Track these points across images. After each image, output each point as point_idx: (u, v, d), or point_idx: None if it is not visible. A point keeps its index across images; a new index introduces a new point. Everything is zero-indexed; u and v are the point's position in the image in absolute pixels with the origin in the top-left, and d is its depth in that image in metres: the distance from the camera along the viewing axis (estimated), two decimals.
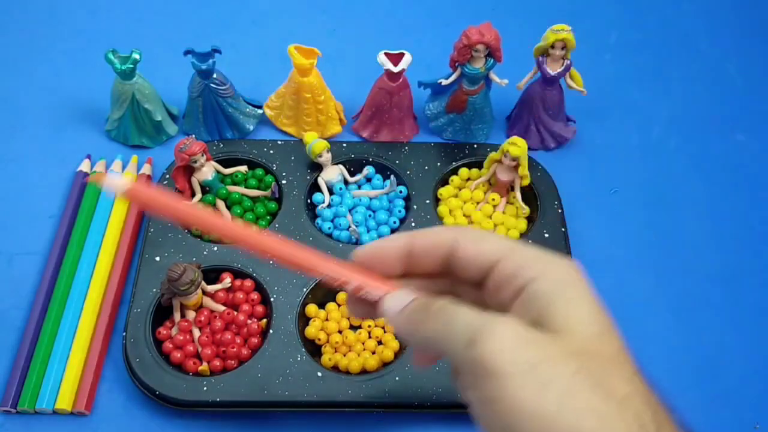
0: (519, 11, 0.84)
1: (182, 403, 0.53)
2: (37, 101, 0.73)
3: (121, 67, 0.63)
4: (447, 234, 0.32)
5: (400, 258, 0.33)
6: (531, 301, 0.29)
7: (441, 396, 0.53)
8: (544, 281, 0.29)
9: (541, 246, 0.31)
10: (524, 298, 0.30)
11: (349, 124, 0.71)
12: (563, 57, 0.65)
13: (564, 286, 0.29)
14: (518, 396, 0.26)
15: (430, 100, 0.70)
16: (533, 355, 0.27)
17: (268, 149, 0.67)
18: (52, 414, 0.54)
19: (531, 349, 0.27)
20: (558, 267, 0.30)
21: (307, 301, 0.58)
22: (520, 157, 0.61)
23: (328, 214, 0.63)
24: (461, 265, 0.32)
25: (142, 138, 0.69)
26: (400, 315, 0.31)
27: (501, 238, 0.32)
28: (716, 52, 0.81)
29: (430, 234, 0.33)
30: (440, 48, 0.66)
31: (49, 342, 0.56)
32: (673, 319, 0.61)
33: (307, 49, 0.64)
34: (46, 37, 0.79)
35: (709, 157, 0.72)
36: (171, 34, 0.78)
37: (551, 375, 0.27)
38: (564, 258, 0.31)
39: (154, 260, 0.59)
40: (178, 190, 0.62)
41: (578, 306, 0.29)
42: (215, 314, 0.57)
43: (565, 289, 0.29)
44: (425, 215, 0.63)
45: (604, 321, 0.29)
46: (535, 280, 0.30)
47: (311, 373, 0.54)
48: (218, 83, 0.65)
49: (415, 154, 0.67)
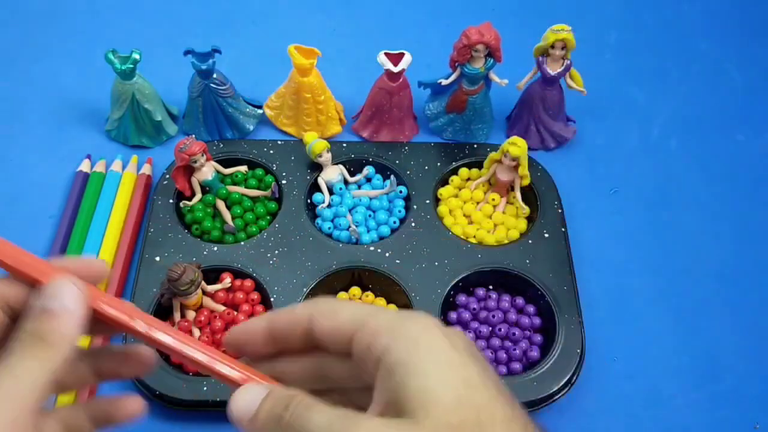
0: (519, 11, 0.84)
1: (182, 403, 0.53)
2: (37, 101, 0.73)
3: (121, 67, 0.63)
4: (302, 311, 0.32)
5: (264, 339, 0.32)
6: (387, 377, 0.28)
7: None
8: (395, 351, 0.28)
9: (541, 246, 0.31)
10: (381, 374, 0.28)
11: (349, 124, 0.71)
12: (563, 57, 0.65)
13: (415, 350, 0.28)
14: None
15: (430, 100, 0.70)
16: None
17: (268, 149, 0.67)
18: None
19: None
20: (407, 329, 0.29)
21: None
22: (520, 157, 0.61)
23: (328, 214, 0.63)
24: (321, 341, 0.31)
25: (142, 138, 0.69)
26: (253, 423, 0.29)
27: (356, 307, 0.31)
28: (716, 52, 0.81)
29: (286, 313, 0.32)
30: (440, 48, 0.66)
31: None
32: (673, 319, 0.61)
33: (307, 49, 0.64)
34: (46, 37, 0.79)
35: (709, 157, 0.72)
36: (171, 34, 0.79)
37: None
38: (416, 314, 0.30)
39: (154, 260, 0.59)
40: (179, 189, 0.63)
41: (430, 373, 0.27)
42: (215, 314, 0.57)
43: (417, 354, 0.28)
44: (425, 215, 0.63)
45: (460, 377, 0.28)
46: (387, 350, 0.28)
47: None
48: (218, 83, 0.65)
49: (415, 154, 0.67)
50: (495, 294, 0.59)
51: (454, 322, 0.58)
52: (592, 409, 0.56)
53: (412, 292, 0.58)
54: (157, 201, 0.63)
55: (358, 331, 0.30)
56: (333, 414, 0.27)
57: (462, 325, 0.58)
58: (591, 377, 0.57)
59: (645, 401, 0.56)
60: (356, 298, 0.59)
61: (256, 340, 0.32)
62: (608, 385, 0.57)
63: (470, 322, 0.58)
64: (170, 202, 0.63)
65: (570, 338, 0.56)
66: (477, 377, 0.28)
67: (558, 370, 0.54)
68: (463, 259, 0.60)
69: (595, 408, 0.56)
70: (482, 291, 0.60)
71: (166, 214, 0.62)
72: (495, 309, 0.58)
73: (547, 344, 0.57)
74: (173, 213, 0.62)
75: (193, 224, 0.62)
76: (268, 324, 0.32)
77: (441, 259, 0.60)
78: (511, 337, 0.57)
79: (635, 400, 0.56)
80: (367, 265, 0.60)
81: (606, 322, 0.60)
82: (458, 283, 0.59)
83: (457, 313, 0.58)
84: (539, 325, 0.58)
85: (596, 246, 0.64)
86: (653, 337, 0.60)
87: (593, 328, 0.58)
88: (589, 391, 0.56)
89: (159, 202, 0.63)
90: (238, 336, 0.33)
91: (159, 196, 0.63)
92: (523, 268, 0.59)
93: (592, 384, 0.57)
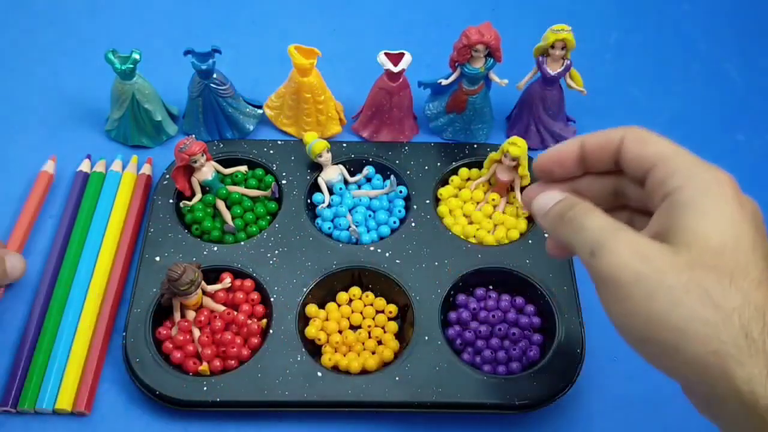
0: (519, 11, 0.84)
1: (182, 403, 0.53)
2: (37, 101, 0.73)
3: (121, 67, 0.63)
4: (615, 133, 0.36)
5: (575, 159, 0.37)
6: (669, 210, 0.33)
7: (441, 396, 0.53)
8: (687, 190, 0.32)
9: (541, 246, 0.32)
10: (665, 206, 0.33)
11: (349, 124, 0.71)
12: (563, 57, 0.65)
13: (703, 196, 0.32)
14: (627, 304, 0.32)
15: (430, 100, 0.70)
16: (645, 268, 0.31)
17: (268, 149, 0.67)
18: (52, 414, 0.54)
19: (644, 263, 0.31)
20: (704, 176, 0.33)
21: (307, 301, 0.58)
22: (520, 157, 0.61)
23: (328, 214, 0.63)
24: (625, 165, 0.36)
25: (142, 138, 0.69)
26: (545, 217, 0.37)
27: (666, 142, 0.35)
28: (716, 52, 0.81)
29: (600, 134, 0.37)
30: (440, 48, 0.66)
31: (49, 342, 0.56)
32: None
33: (307, 49, 0.64)
34: (46, 37, 0.79)
35: (710, 157, 0.70)
36: (171, 34, 0.79)
37: (658, 286, 0.30)
38: (713, 167, 0.34)
39: (154, 260, 0.59)
40: (179, 189, 0.63)
41: (709, 218, 0.31)
42: (215, 314, 0.57)
43: (703, 199, 0.32)
44: (425, 215, 0.63)
45: (733, 232, 0.31)
46: (679, 189, 0.33)
47: (311, 373, 0.54)
48: (218, 83, 0.65)
49: (415, 154, 0.67)
50: (495, 294, 0.59)
51: (453, 321, 0.58)
52: (592, 409, 0.56)
53: (412, 292, 0.58)
54: (157, 201, 0.63)
55: (659, 164, 0.34)
56: (606, 221, 0.34)
57: (462, 325, 0.58)
58: (591, 377, 0.57)
59: (645, 401, 0.56)
60: (356, 298, 0.59)
61: (568, 160, 0.38)
62: (608, 385, 0.57)
63: (470, 322, 0.58)
64: (170, 202, 0.63)
65: (570, 338, 0.56)
66: (748, 240, 0.31)
67: (558, 370, 0.54)
68: (463, 259, 0.60)
69: (595, 408, 0.56)
70: (482, 291, 0.60)
71: (166, 214, 0.62)
72: (495, 309, 0.58)
73: (547, 344, 0.57)
74: (173, 213, 0.62)
75: (193, 224, 0.62)
76: (581, 142, 0.37)
77: (441, 259, 0.60)
78: (510, 336, 0.57)
79: (635, 400, 0.56)
80: (367, 265, 0.60)
81: (606, 322, 0.59)
82: (458, 283, 0.59)
83: (457, 313, 0.58)
84: (539, 324, 0.58)
85: None
86: None
87: (593, 328, 0.58)
88: (589, 391, 0.56)
89: (159, 202, 0.63)
90: (550, 158, 0.38)
91: (159, 196, 0.63)
92: (523, 268, 0.59)
93: (592, 384, 0.57)
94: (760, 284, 0.30)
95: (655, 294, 0.30)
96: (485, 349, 0.56)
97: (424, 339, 0.56)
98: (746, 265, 0.30)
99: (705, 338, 0.29)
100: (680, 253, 0.31)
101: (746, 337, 0.29)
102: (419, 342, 0.55)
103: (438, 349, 0.55)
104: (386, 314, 0.59)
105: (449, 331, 0.57)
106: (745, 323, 0.29)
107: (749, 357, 0.29)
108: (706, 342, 0.29)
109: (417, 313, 0.57)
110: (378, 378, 0.54)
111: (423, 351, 0.55)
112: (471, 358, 0.56)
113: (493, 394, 0.53)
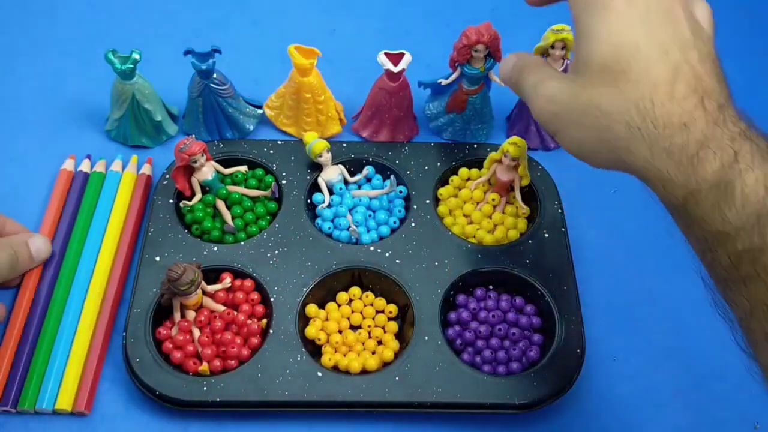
0: (519, 11, 0.83)
1: (182, 403, 0.53)
2: (37, 101, 0.73)
3: (121, 67, 0.63)
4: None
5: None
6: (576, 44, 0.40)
7: (441, 396, 0.53)
8: (573, 9, 0.39)
9: (541, 246, 0.32)
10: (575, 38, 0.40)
11: (349, 124, 0.71)
12: (563, 57, 0.65)
13: (583, 13, 0.39)
14: (558, 137, 0.41)
15: (430, 100, 0.70)
16: (554, 108, 0.40)
17: (268, 149, 0.67)
18: (52, 414, 0.54)
19: (552, 104, 0.40)
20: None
21: (307, 301, 0.58)
22: (520, 157, 0.61)
23: (328, 214, 0.63)
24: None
25: (142, 138, 0.69)
26: (507, 78, 0.46)
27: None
28: (716, 52, 0.81)
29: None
30: (440, 48, 0.66)
31: (49, 342, 0.56)
32: (674, 319, 0.61)
33: (307, 49, 0.64)
34: (46, 37, 0.79)
35: None
36: (171, 34, 0.78)
37: (567, 116, 0.40)
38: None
39: (154, 260, 0.59)
40: (179, 189, 0.63)
41: (593, 39, 0.38)
42: (215, 314, 0.57)
43: (584, 17, 0.38)
44: (425, 215, 0.63)
45: (613, 46, 0.38)
46: (575, 20, 0.39)
47: (311, 373, 0.54)
48: (218, 83, 0.65)
49: (415, 154, 0.67)
50: (495, 294, 0.59)
51: (453, 321, 0.58)
52: (592, 409, 0.56)
53: (412, 292, 0.58)
54: (157, 201, 0.63)
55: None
56: (536, 77, 0.42)
57: (462, 325, 0.58)
58: (591, 377, 0.57)
59: (645, 401, 0.56)
60: (356, 298, 0.59)
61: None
62: (608, 385, 0.57)
63: (470, 322, 0.58)
64: (170, 202, 0.63)
65: (570, 338, 0.56)
66: (631, 44, 0.37)
67: (558, 370, 0.54)
68: (462, 259, 0.60)
69: (595, 408, 0.56)
70: (482, 291, 0.60)
71: (166, 214, 0.62)
72: (494, 309, 0.58)
73: (547, 344, 0.57)
74: (173, 213, 0.62)
75: (193, 224, 0.62)
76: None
77: (441, 259, 0.60)
78: (510, 337, 0.57)
79: (635, 400, 0.56)
80: (367, 265, 0.60)
81: (606, 322, 0.60)
82: (458, 283, 0.59)
83: (457, 313, 0.58)
84: (539, 325, 0.58)
85: (596, 246, 0.64)
86: (653, 337, 0.60)
87: (593, 328, 0.58)
88: (589, 391, 0.56)
89: (159, 202, 0.63)
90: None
91: (159, 196, 0.63)
92: (523, 268, 0.59)
93: (592, 384, 0.57)
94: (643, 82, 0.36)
95: (566, 125, 0.40)
96: (485, 349, 0.56)
97: (424, 339, 0.56)
98: (630, 66, 0.37)
99: (605, 143, 0.38)
100: (576, 81, 0.39)
101: (629, 127, 0.37)
102: (419, 342, 0.55)
103: (438, 349, 0.55)
104: (386, 314, 0.59)
105: (449, 331, 0.57)
106: (628, 119, 0.36)
107: (639, 143, 0.37)
108: (608, 146, 0.38)
109: (417, 313, 0.57)
110: (378, 378, 0.54)
111: (423, 351, 0.55)
112: (471, 358, 0.56)
113: (493, 394, 0.53)
